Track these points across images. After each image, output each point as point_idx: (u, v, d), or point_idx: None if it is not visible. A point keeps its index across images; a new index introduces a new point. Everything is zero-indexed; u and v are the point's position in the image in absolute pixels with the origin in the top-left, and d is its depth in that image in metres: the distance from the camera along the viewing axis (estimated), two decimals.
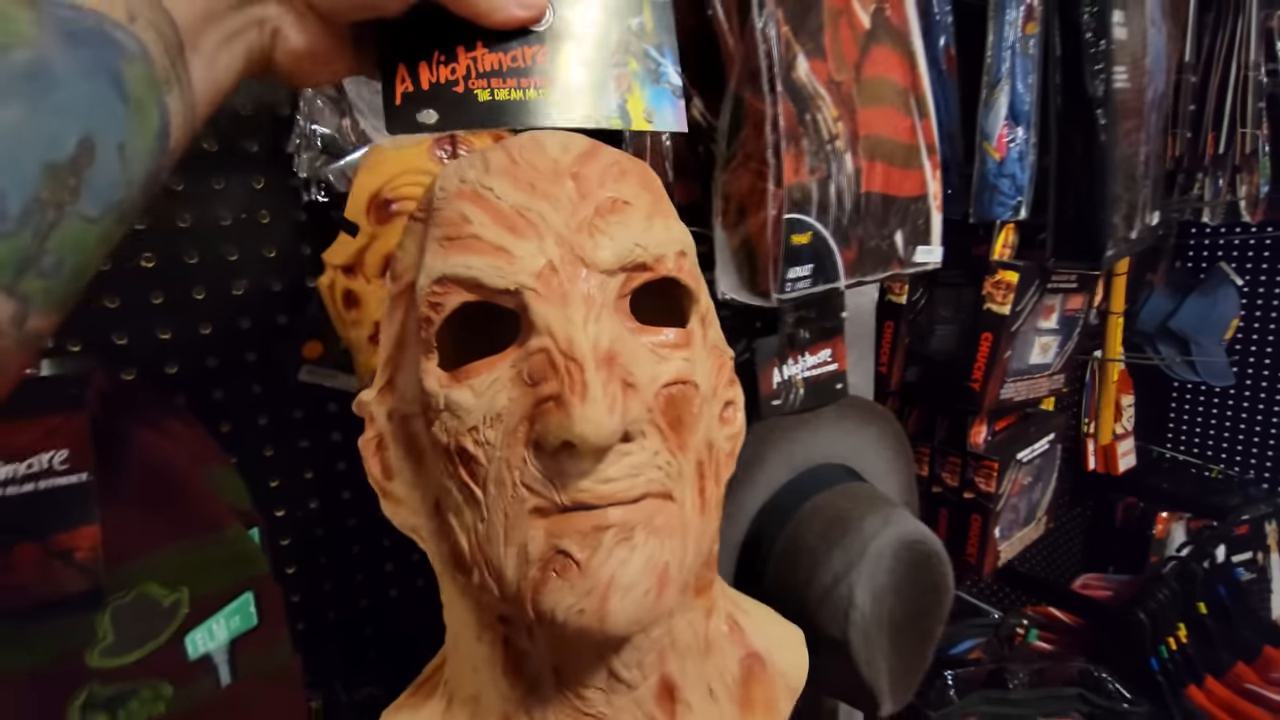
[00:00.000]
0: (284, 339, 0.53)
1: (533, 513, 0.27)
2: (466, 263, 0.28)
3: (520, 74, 0.33)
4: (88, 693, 0.32)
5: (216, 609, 0.36)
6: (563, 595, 0.27)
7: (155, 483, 0.35)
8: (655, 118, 0.36)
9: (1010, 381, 0.75)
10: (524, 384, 0.28)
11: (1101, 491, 1.47)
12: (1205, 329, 1.35)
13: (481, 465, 0.28)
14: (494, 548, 0.28)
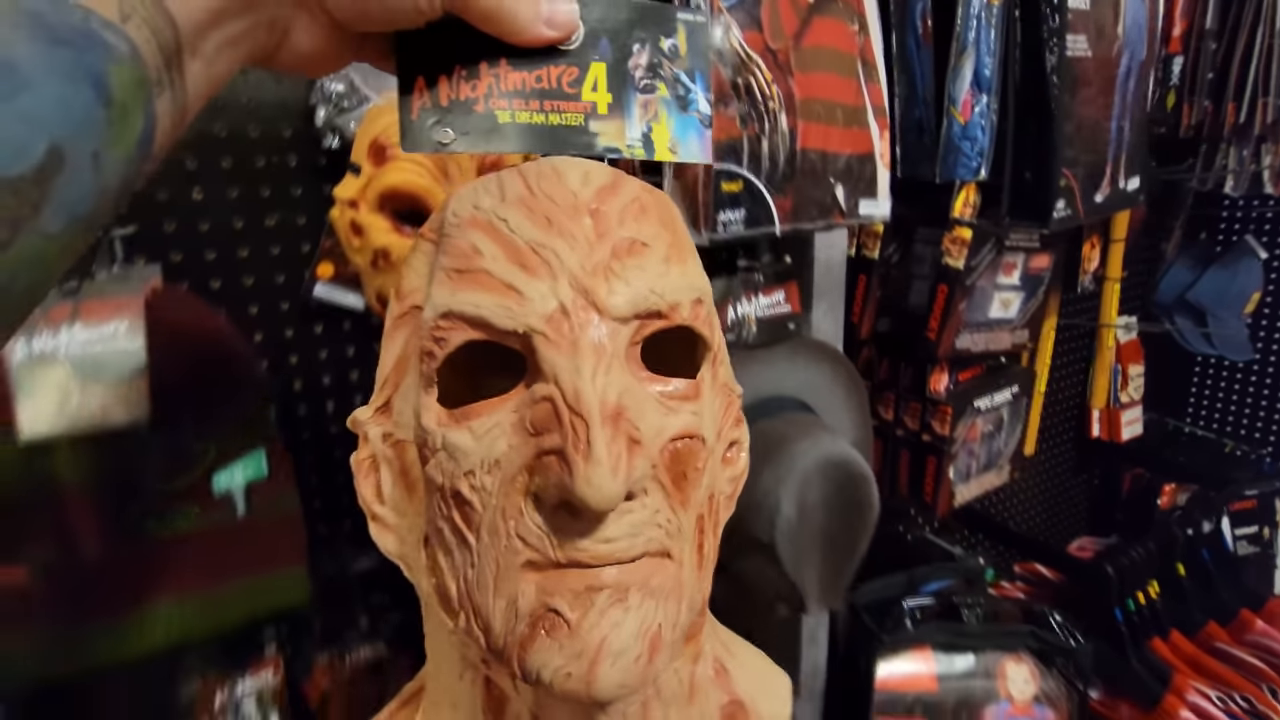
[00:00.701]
0: (306, 263, 0.64)
1: (525, 566, 0.27)
2: (475, 300, 0.27)
3: (544, 96, 0.31)
4: (139, 506, 0.44)
5: (235, 458, 0.48)
6: (551, 655, 0.26)
7: (196, 357, 0.46)
8: (680, 149, 0.34)
9: (968, 332, 0.80)
10: (526, 432, 0.27)
11: (1111, 461, 1.48)
12: (1224, 302, 1.34)
13: (476, 511, 0.27)
14: (483, 596, 0.27)
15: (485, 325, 0.27)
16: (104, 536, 0.42)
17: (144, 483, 0.44)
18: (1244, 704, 0.95)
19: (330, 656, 0.56)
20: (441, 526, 0.28)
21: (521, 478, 0.26)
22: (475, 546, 0.27)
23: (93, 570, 0.42)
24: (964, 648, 0.92)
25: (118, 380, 0.42)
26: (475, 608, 0.28)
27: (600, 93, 0.32)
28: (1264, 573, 1.35)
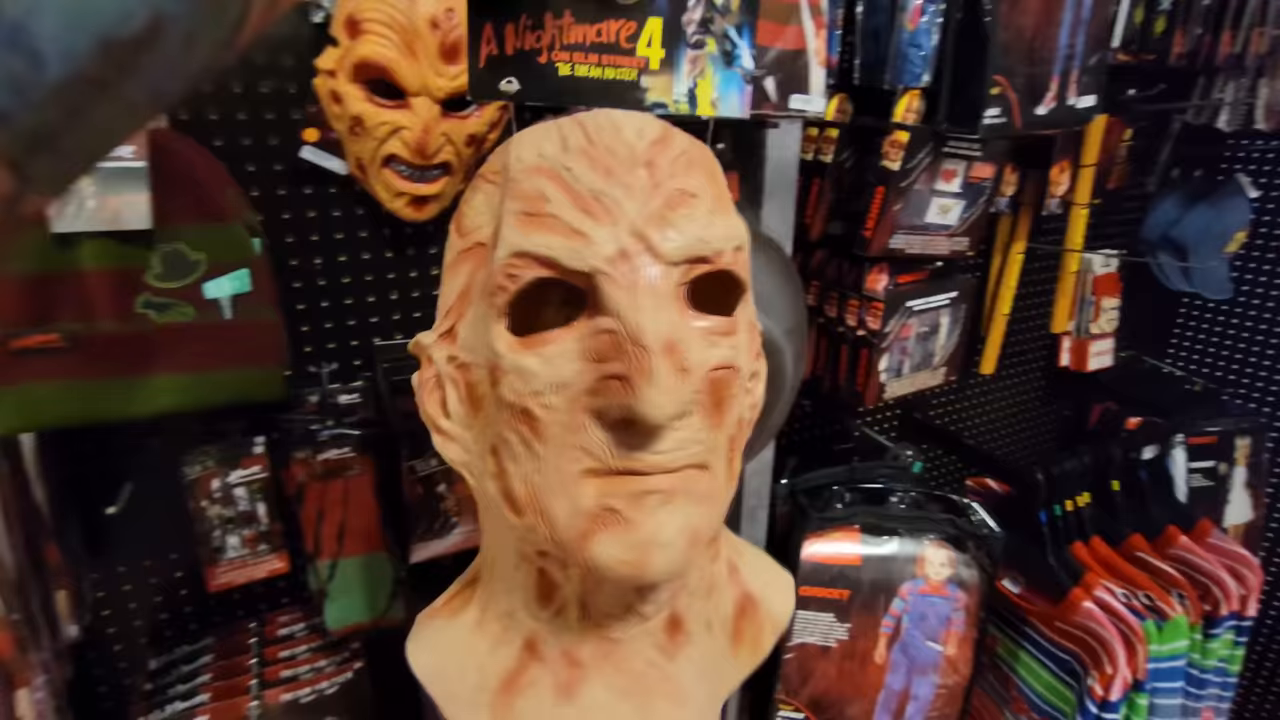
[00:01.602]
0: (297, 128, 0.73)
1: (586, 473, 0.31)
2: (546, 242, 0.30)
3: (603, 50, 0.32)
4: (145, 296, 0.55)
5: (223, 272, 0.58)
6: (609, 546, 0.31)
7: (190, 183, 0.57)
8: (721, 104, 0.34)
9: (902, 233, 0.86)
10: (589, 359, 0.31)
11: (1083, 392, 1.53)
12: (1205, 239, 1.35)
13: (543, 425, 0.31)
14: (548, 498, 0.32)
15: (555, 265, 0.30)
16: (116, 316, 0.53)
17: (147, 277, 0.55)
18: (1145, 600, 1.04)
19: (305, 454, 0.68)
20: (510, 437, 0.32)
21: (585, 398, 0.30)
22: (542, 454, 0.31)
23: (106, 341, 0.53)
24: (888, 530, 1.02)
25: (127, 191, 0.52)
26: (541, 508, 0.32)
27: (654, 48, 0.34)
28: (1215, 507, 1.40)
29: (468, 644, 0.39)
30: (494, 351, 0.32)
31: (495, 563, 0.38)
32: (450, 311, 0.35)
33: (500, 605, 0.38)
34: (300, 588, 0.85)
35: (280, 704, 0.76)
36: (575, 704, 0.37)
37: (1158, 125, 1.26)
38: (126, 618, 0.79)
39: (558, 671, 0.37)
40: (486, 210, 0.34)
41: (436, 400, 0.36)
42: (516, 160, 0.32)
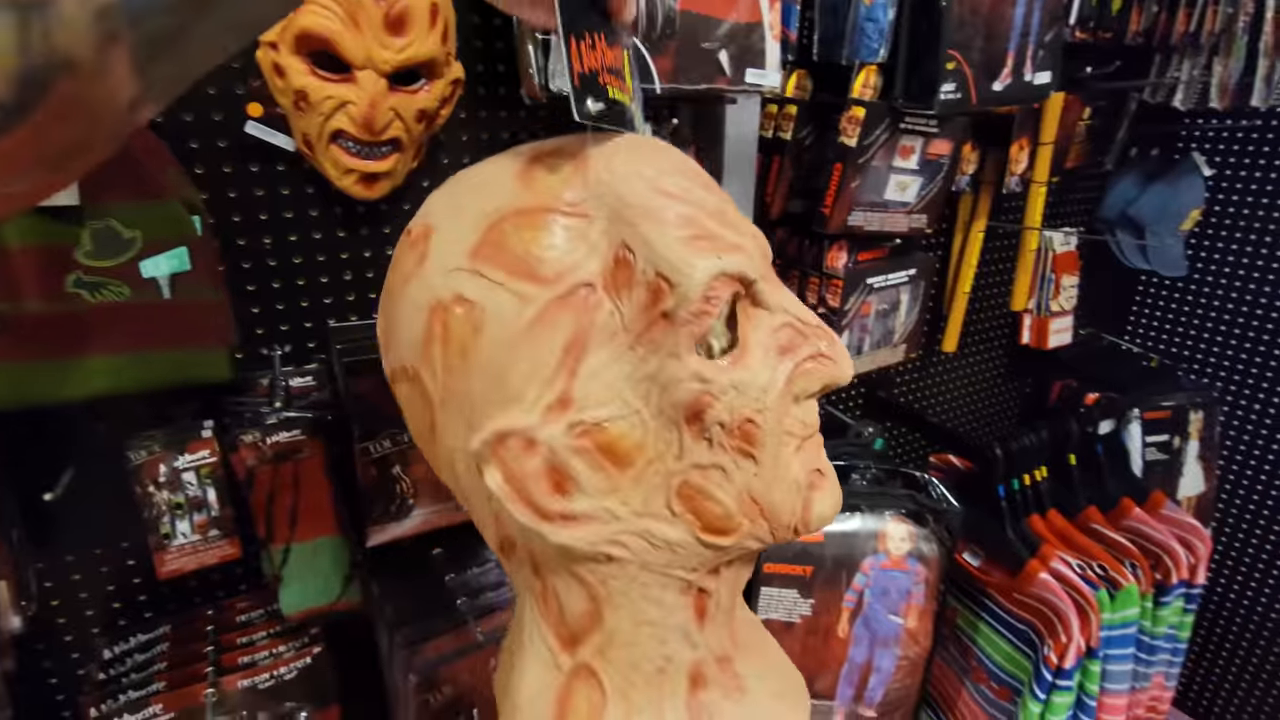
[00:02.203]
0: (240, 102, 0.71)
1: (795, 452, 0.34)
2: (735, 261, 0.32)
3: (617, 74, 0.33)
4: (76, 276, 0.53)
5: (160, 250, 0.57)
6: (823, 501, 0.35)
7: (121, 159, 0.55)
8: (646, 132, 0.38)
9: (861, 210, 0.87)
10: (779, 353, 0.33)
11: (1044, 369, 1.55)
12: (1162, 218, 1.38)
13: (761, 429, 0.33)
14: (771, 493, 0.34)
15: (744, 279, 0.32)
16: (45, 295, 0.52)
17: (77, 255, 0.53)
18: (1099, 571, 1.06)
19: (253, 437, 0.67)
20: (721, 460, 0.33)
21: (785, 387, 0.33)
22: (760, 458, 0.33)
23: (35, 322, 0.51)
24: (850, 507, 1.03)
25: None
26: (763, 507, 0.34)
27: (628, 78, 0.36)
28: (1170, 480, 1.44)
29: None
30: (699, 379, 0.31)
31: (636, 631, 0.36)
32: (556, 375, 0.31)
33: (647, 669, 0.36)
34: (257, 574, 0.84)
35: (238, 690, 0.75)
36: (747, 698, 0.38)
37: (1115, 103, 1.27)
38: (77, 607, 0.78)
39: (720, 680, 0.38)
40: (581, 247, 0.31)
41: (547, 487, 0.32)
42: (626, 186, 0.32)
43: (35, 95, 0.19)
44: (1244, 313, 1.47)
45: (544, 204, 0.32)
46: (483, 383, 0.32)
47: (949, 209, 1.22)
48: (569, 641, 0.36)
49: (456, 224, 0.34)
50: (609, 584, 0.34)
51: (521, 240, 0.31)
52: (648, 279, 0.31)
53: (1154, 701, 1.19)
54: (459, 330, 0.32)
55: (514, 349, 0.31)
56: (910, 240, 0.97)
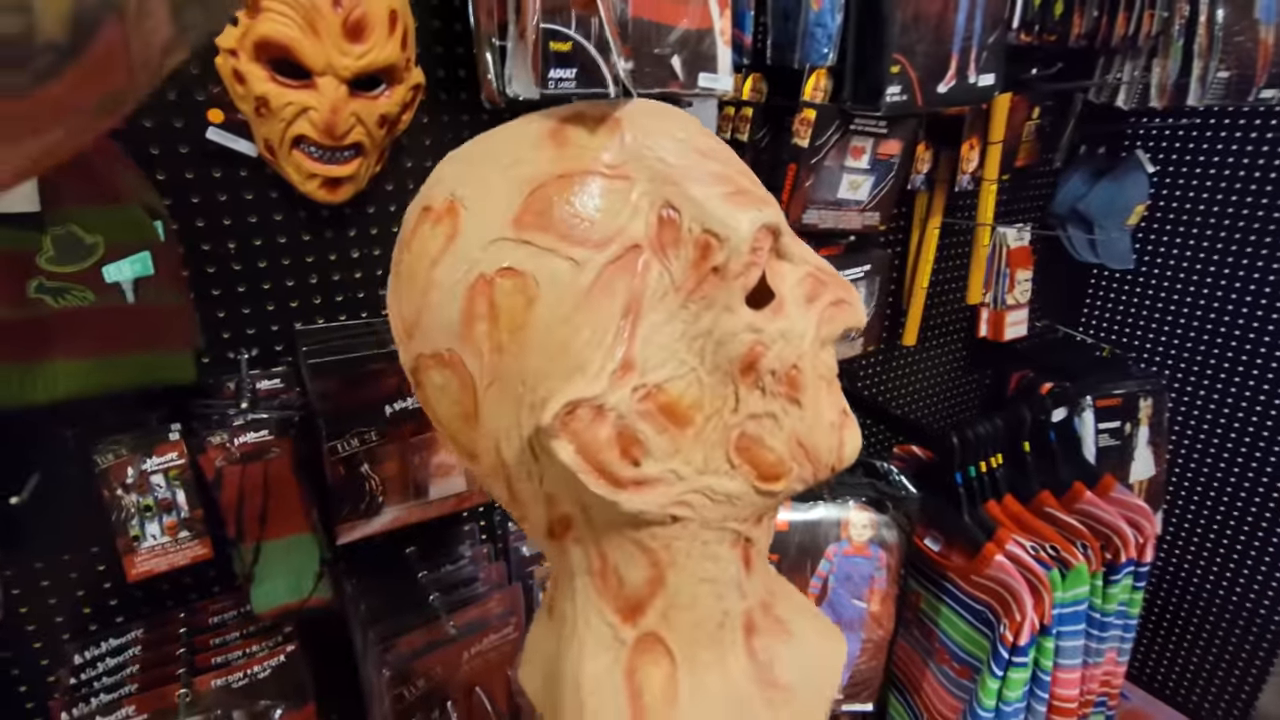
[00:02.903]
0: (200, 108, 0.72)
1: (826, 390, 0.36)
2: (771, 213, 0.33)
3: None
4: (39, 281, 0.54)
5: (122, 256, 0.58)
6: (851, 438, 0.37)
7: (80, 164, 0.56)
8: None
9: (815, 209, 0.90)
10: (807, 303, 0.34)
11: (1001, 361, 1.61)
12: (1109, 213, 1.43)
13: (803, 373, 0.34)
14: (813, 435, 0.35)
15: (777, 231, 0.34)
16: (7, 301, 0.52)
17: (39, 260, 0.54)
18: (1051, 552, 1.11)
19: (221, 439, 0.68)
20: (773, 408, 0.34)
21: (816, 333, 0.35)
22: (804, 402, 0.34)
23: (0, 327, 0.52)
24: (814, 496, 1.06)
25: None
26: (808, 448, 0.35)
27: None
28: (1122, 465, 1.50)
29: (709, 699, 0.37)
30: (752, 330, 0.32)
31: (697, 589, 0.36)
32: (617, 340, 0.31)
33: (707, 626, 0.37)
34: (231, 576, 0.85)
35: (211, 689, 0.76)
36: (794, 639, 0.40)
37: (1062, 104, 1.32)
38: (46, 612, 0.78)
39: (767, 624, 0.39)
40: (624, 210, 0.31)
41: (616, 454, 0.32)
42: (663, 149, 0.33)
43: (86, 36, 0.19)
44: (1189, 302, 1.53)
45: (585, 167, 0.32)
46: (540, 356, 0.31)
47: (905, 206, 1.26)
48: (630, 612, 0.36)
49: (488, 194, 0.32)
50: (673, 546, 0.34)
51: (570, 204, 0.31)
52: (695, 236, 0.32)
53: (1108, 676, 1.24)
54: (509, 304, 0.31)
55: (573, 317, 0.31)
56: (865, 237, 1.00)
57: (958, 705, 1.16)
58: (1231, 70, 1.20)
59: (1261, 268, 1.40)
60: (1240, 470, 1.50)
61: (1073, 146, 1.41)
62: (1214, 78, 1.19)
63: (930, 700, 1.21)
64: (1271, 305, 1.40)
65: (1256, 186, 1.38)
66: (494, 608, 0.86)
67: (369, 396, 0.73)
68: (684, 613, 0.36)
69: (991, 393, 1.66)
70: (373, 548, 0.86)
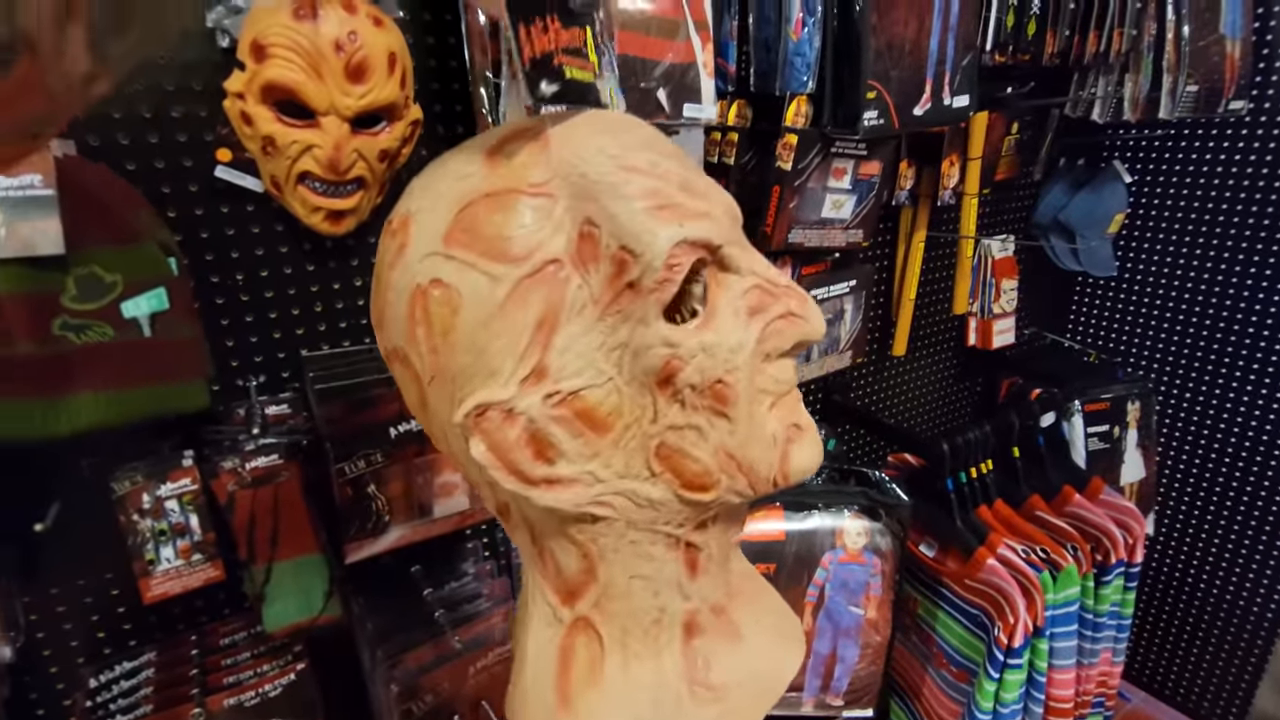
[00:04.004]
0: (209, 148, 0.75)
1: (770, 408, 0.35)
2: (699, 227, 0.33)
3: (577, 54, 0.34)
4: (62, 319, 0.57)
5: (140, 292, 0.61)
6: (802, 454, 0.36)
7: (100, 207, 0.59)
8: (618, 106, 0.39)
9: (800, 228, 0.93)
10: (749, 315, 0.34)
11: (991, 369, 1.64)
12: (1090, 222, 1.47)
13: (733, 388, 0.34)
14: (747, 450, 0.35)
15: (709, 245, 0.33)
16: (33, 339, 0.55)
17: (63, 300, 0.57)
18: (1042, 554, 1.13)
19: (233, 464, 0.70)
20: (696, 421, 0.34)
21: (757, 347, 0.34)
22: (734, 416, 0.34)
23: (24, 363, 0.55)
24: (809, 506, 1.09)
25: (37, 219, 0.54)
26: (740, 462, 0.35)
27: (592, 55, 0.37)
28: (1112, 467, 1.53)
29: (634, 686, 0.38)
30: (666, 344, 0.33)
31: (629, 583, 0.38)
32: (529, 349, 0.33)
33: (642, 620, 0.38)
34: (241, 598, 0.87)
35: (224, 709, 0.78)
36: (743, 643, 0.41)
37: (1039, 119, 1.37)
38: (62, 637, 0.80)
39: (716, 627, 0.40)
40: (547, 226, 0.33)
41: (529, 455, 0.34)
42: (587, 164, 0.33)
43: None
44: (1172, 306, 1.57)
45: (510, 186, 0.34)
46: (463, 360, 0.34)
47: (891, 221, 1.30)
48: (567, 597, 0.39)
49: (432, 211, 0.35)
50: (599, 541, 0.36)
51: (491, 223, 0.33)
52: (611, 252, 0.32)
53: (1104, 676, 1.26)
54: (438, 312, 0.34)
55: (489, 326, 0.33)
56: (850, 253, 1.03)
57: (957, 709, 1.18)
58: (1200, 84, 1.24)
59: (1240, 271, 1.44)
60: (1229, 470, 1.53)
61: (1052, 159, 1.45)
62: (1184, 91, 1.23)
63: (930, 704, 1.23)
64: (1251, 306, 1.44)
65: (1231, 194, 1.42)
66: (498, 622, 0.88)
67: (374, 419, 0.76)
68: (617, 603, 0.38)
69: (983, 400, 1.70)
70: (379, 567, 0.89)
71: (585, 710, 0.38)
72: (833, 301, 1.02)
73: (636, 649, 0.38)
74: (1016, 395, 1.62)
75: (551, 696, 0.39)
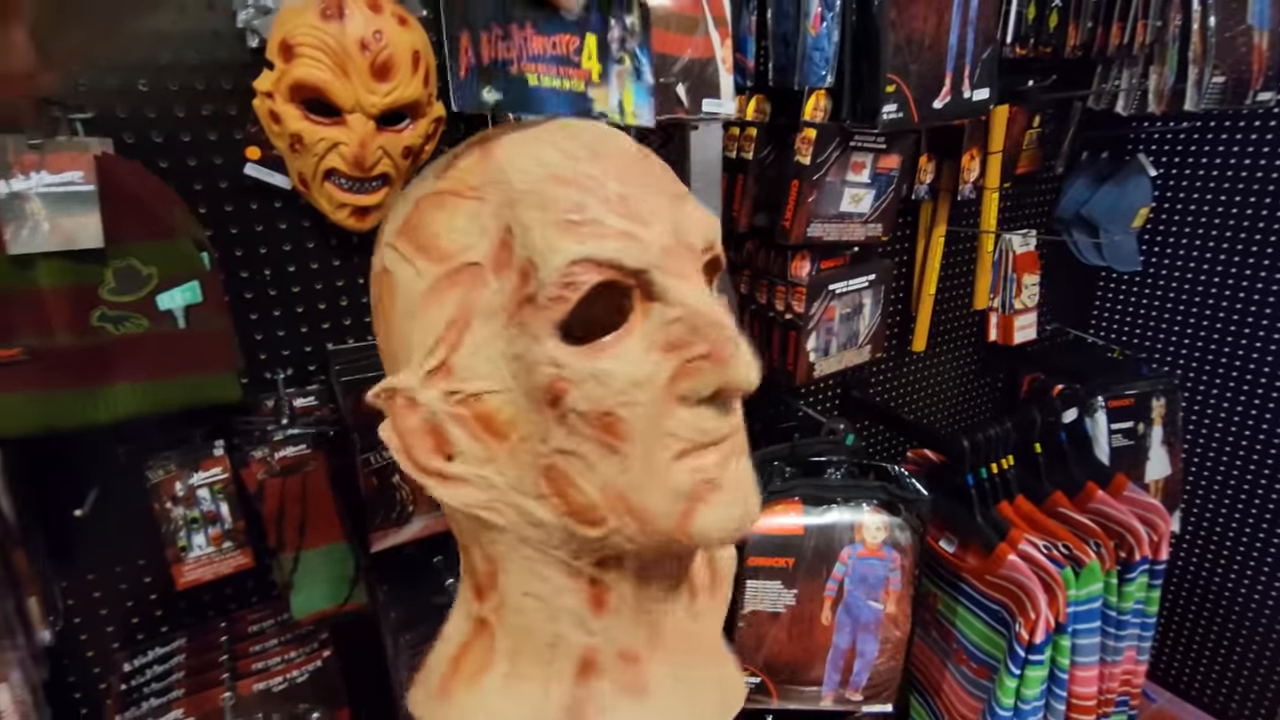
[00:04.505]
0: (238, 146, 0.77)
1: (677, 456, 0.32)
2: (604, 246, 0.31)
3: (559, 62, 0.32)
4: (101, 310, 0.59)
5: (174, 285, 0.63)
6: (714, 515, 0.32)
7: (137, 203, 0.61)
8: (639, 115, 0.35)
9: (819, 222, 0.93)
10: (665, 350, 0.31)
11: (1012, 365, 1.62)
12: (1113, 216, 1.45)
13: (628, 424, 0.31)
14: (639, 494, 0.32)
15: (618, 266, 0.31)
16: (73, 330, 0.57)
17: (101, 292, 0.59)
18: (1064, 550, 1.12)
19: (263, 454, 0.72)
20: (583, 449, 0.32)
21: (668, 386, 0.31)
22: (628, 453, 0.31)
23: (65, 353, 0.57)
24: (827, 500, 1.09)
25: (78, 213, 0.56)
26: (630, 506, 0.32)
27: (593, 62, 0.35)
28: (1136, 465, 1.51)
29: (510, 702, 0.37)
30: (554, 364, 0.31)
31: (523, 600, 0.36)
32: (438, 345, 0.33)
33: (536, 641, 0.37)
34: (269, 586, 0.89)
35: (254, 693, 0.80)
36: (648, 700, 0.37)
37: (1061, 112, 1.35)
38: (98, 623, 0.82)
39: (620, 675, 0.37)
40: (473, 229, 0.33)
41: (429, 446, 0.34)
42: (518, 172, 0.32)
43: None
44: (1198, 302, 1.54)
45: (452, 188, 0.34)
46: (395, 345, 0.36)
47: (911, 216, 1.29)
48: (477, 593, 0.39)
49: (401, 204, 0.38)
50: (494, 548, 0.36)
51: (427, 220, 0.34)
52: (520, 262, 0.32)
53: (1128, 675, 1.25)
54: (383, 296, 0.37)
55: (412, 317, 0.34)
56: (869, 248, 1.03)
57: (977, 705, 1.17)
58: (1227, 75, 1.22)
59: (1268, 265, 1.41)
60: (1257, 468, 1.50)
61: (1074, 153, 1.44)
62: (1210, 83, 1.22)
63: (950, 701, 1.23)
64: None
65: (1260, 186, 1.40)
66: None
67: None
68: (512, 615, 0.37)
69: (1003, 396, 1.68)
70: (402, 556, 0.90)
71: (457, 708, 0.37)
72: (851, 296, 1.02)
73: (526, 669, 0.37)
74: (1038, 391, 1.60)
75: (436, 681, 0.39)
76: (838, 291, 0.99)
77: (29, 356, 0.55)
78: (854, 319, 1.04)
